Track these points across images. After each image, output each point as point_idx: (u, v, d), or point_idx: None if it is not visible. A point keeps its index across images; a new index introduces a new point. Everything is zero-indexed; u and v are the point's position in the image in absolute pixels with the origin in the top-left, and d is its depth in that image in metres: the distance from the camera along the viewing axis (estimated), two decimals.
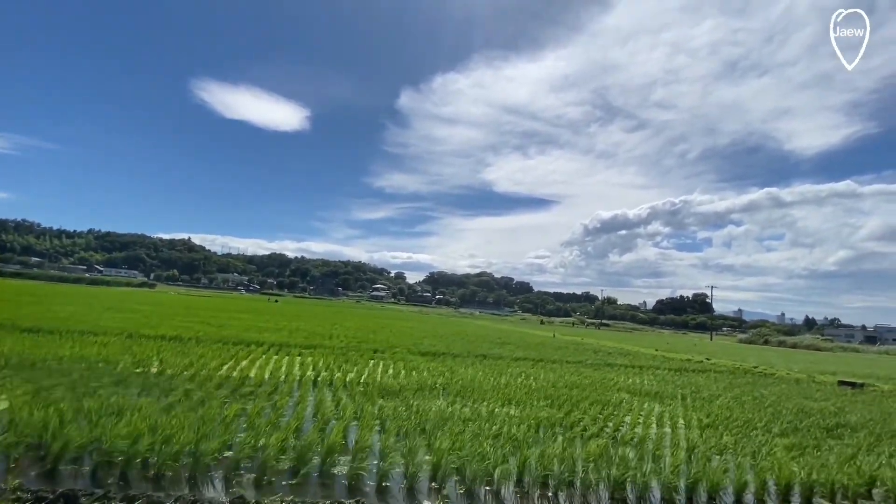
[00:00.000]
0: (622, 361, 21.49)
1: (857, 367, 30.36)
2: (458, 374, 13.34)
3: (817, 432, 9.47)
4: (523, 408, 9.53)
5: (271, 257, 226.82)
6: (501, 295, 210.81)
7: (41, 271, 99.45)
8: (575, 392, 11.66)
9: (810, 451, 7.82)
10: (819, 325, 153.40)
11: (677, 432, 8.83)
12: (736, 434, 8.80)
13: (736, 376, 19.52)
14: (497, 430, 7.28)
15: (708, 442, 7.88)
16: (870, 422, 10.92)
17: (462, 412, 8.58)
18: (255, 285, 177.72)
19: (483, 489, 5.42)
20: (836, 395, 15.65)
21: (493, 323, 69.65)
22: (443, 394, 10.35)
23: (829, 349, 67.81)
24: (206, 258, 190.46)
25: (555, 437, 7.55)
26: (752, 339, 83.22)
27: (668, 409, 10.95)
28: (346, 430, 6.70)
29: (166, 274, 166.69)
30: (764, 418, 10.32)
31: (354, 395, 9.36)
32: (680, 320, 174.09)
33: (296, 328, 23.12)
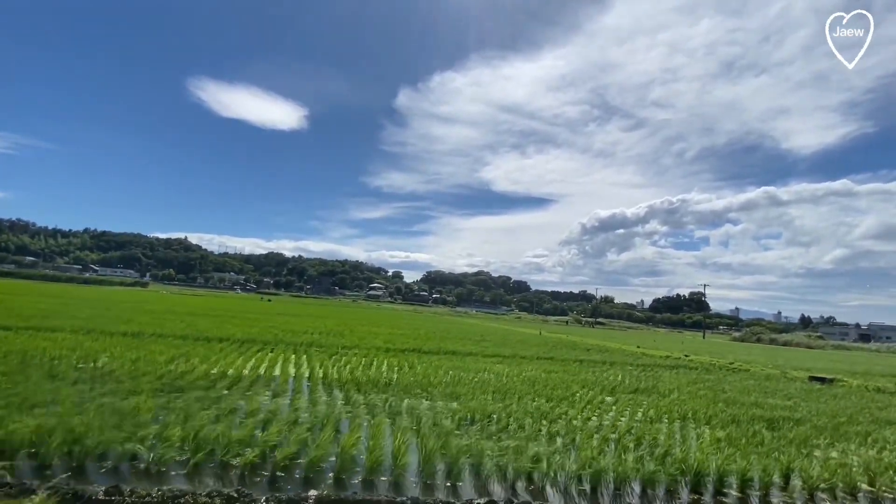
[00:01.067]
0: (597, 357, 21.48)
1: (840, 364, 30.40)
2: (415, 370, 13.33)
3: (759, 425, 9.45)
4: (465, 402, 9.51)
5: (268, 256, 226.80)
6: (498, 294, 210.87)
7: (34, 271, 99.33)
8: (526, 387, 11.63)
9: (740, 443, 7.80)
10: (814, 323, 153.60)
11: (616, 424, 8.81)
12: (672, 426, 8.78)
13: (708, 372, 19.51)
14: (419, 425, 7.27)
15: (632, 433, 7.85)
16: (816, 415, 10.91)
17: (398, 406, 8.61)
18: (252, 284, 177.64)
19: (379, 479, 5.43)
20: (801, 390, 15.64)
21: (484, 321, 69.68)
22: (389, 389, 10.32)
23: (821, 347, 67.89)
24: (202, 257, 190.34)
25: (481, 430, 7.53)
26: (745, 338, 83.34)
27: (619, 402, 10.95)
28: (264, 423, 6.70)
29: (162, 273, 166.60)
30: (710, 412, 10.30)
31: (282, 390, 9.32)
32: (676, 319, 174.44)
33: (271, 326, 23.08)
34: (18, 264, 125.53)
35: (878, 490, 6.41)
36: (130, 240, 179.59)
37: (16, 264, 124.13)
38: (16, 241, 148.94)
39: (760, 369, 21.89)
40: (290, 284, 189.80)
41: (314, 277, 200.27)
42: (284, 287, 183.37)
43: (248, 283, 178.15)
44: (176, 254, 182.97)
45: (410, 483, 5.49)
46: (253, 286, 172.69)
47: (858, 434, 9.39)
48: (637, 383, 14.02)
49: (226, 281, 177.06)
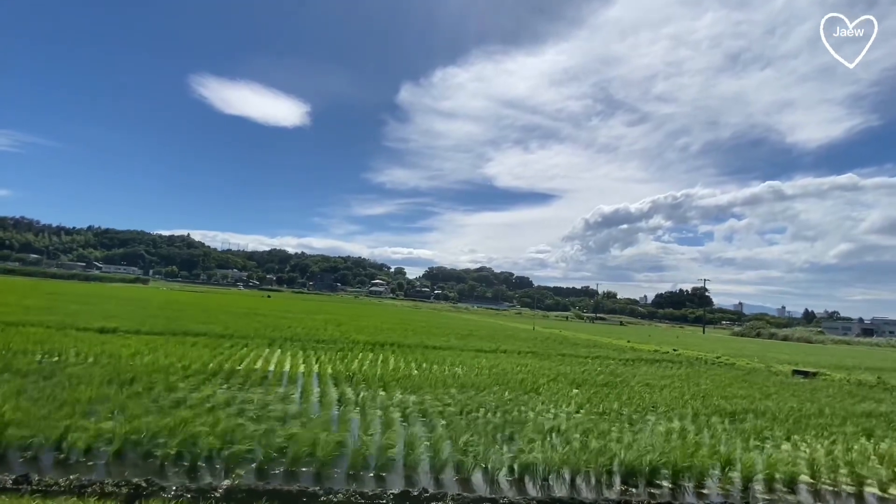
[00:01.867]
0: (582, 352, 21.40)
1: (832, 358, 30.18)
2: (387, 364, 13.37)
3: (717, 417, 9.39)
4: (423, 394, 9.51)
5: (271, 253, 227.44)
6: (500, 290, 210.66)
7: (37, 268, 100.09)
8: (493, 380, 11.61)
9: (687, 436, 7.73)
10: (818, 318, 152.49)
11: (570, 416, 8.76)
12: (624, 419, 8.73)
13: (690, 366, 19.40)
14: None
15: (582, 425, 7.80)
16: (782, 408, 10.82)
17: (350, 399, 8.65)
18: (255, 281, 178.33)
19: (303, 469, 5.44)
20: (779, 384, 15.53)
21: (480, 317, 69.67)
22: (351, 381, 10.33)
23: (821, 342, 67.41)
24: (205, 254, 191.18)
25: (427, 422, 7.52)
26: (745, 332, 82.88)
27: (583, 395, 10.91)
28: (209, 412, 6.71)
29: (165, 270, 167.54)
30: (672, 405, 10.24)
31: (239, 383, 9.33)
32: (679, 314, 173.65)
33: (254, 321, 23.16)
34: (23, 262, 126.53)
35: (817, 483, 6.34)
36: (134, 237, 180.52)
37: (20, 262, 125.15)
38: (20, 238, 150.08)
39: (746, 363, 21.75)
40: (293, 281, 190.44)
41: (316, 274, 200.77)
42: (287, 284, 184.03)
43: (250, 280, 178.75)
44: (179, 251, 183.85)
45: (334, 472, 5.48)
46: (256, 283, 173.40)
47: (818, 427, 9.30)
48: (610, 377, 13.95)
49: (229, 278, 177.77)
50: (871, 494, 6.20)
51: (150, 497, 4.49)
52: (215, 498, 4.61)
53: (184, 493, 4.58)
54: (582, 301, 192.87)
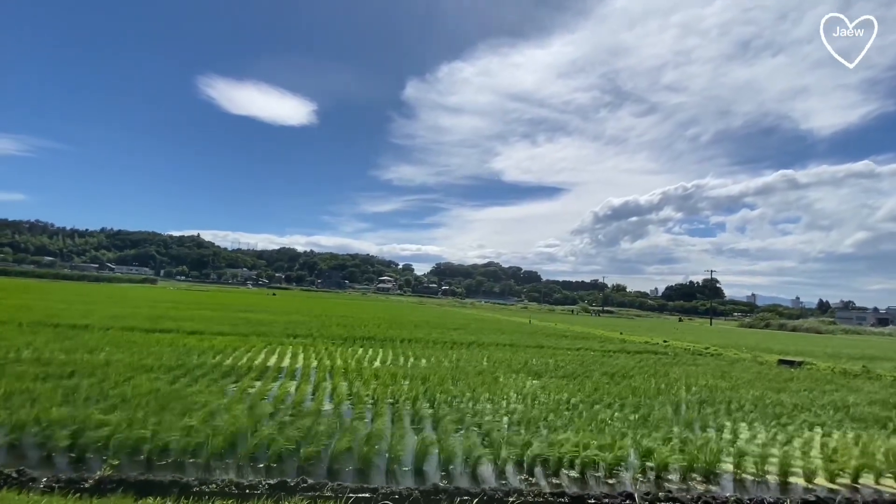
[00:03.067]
0: (565, 344, 21.13)
1: (828, 348, 29.48)
2: (356, 356, 13.34)
3: (664, 407, 9.14)
4: (375, 387, 9.43)
5: (281, 252, 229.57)
6: (508, 285, 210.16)
7: (50, 270, 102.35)
8: (452, 372, 11.51)
9: (614, 427, 7.52)
10: (832, 308, 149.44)
11: (509, 408, 8.58)
12: (566, 409, 8.53)
13: (673, 357, 19.05)
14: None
15: (516, 414, 7.63)
16: (741, 398, 10.51)
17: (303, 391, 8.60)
18: (264, 280, 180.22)
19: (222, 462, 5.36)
20: (756, 374, 15.14)
21: (481, 311, 69.47)
22: (300, 376, 10.28)
23: (831, 332, 65.95)
24: (214, 254, 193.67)
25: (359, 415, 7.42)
26: (754, 324, 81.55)
27: (540, 385, 10.73)
28: (116, 406, 6.67)
29: (176, 270, 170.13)
30: (624, 395, 10.01)
31: (192, 377, 9.31)
32: (689, 306, 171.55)
33: (235, 317, 23.32)
34: (38, 264, 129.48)
35: (738, 472, 6.10)
36: (145, 238, 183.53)
37: (35, 264, 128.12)
38: (35, 241, 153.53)
39: (734, 354, 21.29)
40: (302, 279, 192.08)
41: (325, 272, 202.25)
42: (296, 281, 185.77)
43: (259, 279, 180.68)
44: (189, 251, 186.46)
45: (255, 462, 5.42)
46: (265, 281, 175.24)
47: (772, 416, 9.01)
48: (578, 368, 13.71)
49: (238, 277, 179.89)
50: (795, 485, 5.95)
51: None
52: None
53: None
54: (591, 295, 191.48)
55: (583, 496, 5.08)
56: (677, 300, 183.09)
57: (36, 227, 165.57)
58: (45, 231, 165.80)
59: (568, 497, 5.08)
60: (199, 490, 4.75)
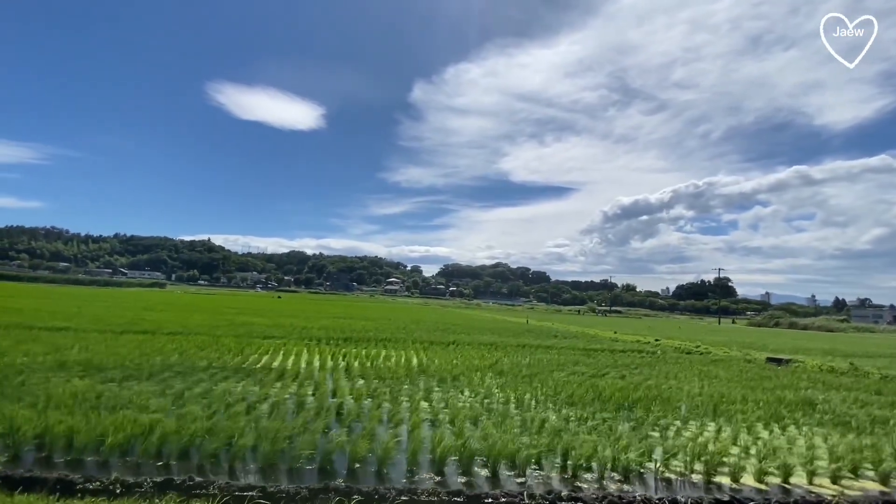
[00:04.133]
0: (551, 343, 20.84)
1: (828, 346, 28.73)
2: (323, 357, 13.28)
3: (610, 405, 8.93)
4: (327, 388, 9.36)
5: (290, 255, 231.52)
6: (516, 285, 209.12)
7: (64, 275, 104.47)
8: (415, 372, 11.40)
9: (570, 424, 7.33)
10: (848, 306, 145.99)
11: (455, 406, 8.42)
12: (514, 407, 8.36)
13: (659, 356, 18.69)
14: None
15: (462, 413, 7.49)
16: (708, 395, 10.21)
17: (252, 390, 8.56)
18: (273, 283, 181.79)
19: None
20: (735, 372, 14.76)
21: (482, 312, 69.15)
22: (267, 373, 10.25)
23: (841, 330, 64.37)
24: (225, 258, 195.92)
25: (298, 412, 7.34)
26: (763, 322, 79.97)
27: (498, 384, 10.57)
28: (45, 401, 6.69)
29: (187, 274, 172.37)
30: (579, 392, 9.79)
31: (141, 377, 9.33)
32: (700, 305, 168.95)
33: (229, 321, 23.47)
34: (53, 270, 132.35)
35: (661, 471, 5.88)
36: (157, 243, 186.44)
37: (50, 270, 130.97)
38: (50, 248, 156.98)
39: (724, 352, 20.81)
40: (311, 282, 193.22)
41: (333, 274, 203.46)
42: (305, 284, 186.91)
43: (269, 282, 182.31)
44: (200, 255, 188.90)
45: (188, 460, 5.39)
46: (274, 284, 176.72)
47: (727, 413, 8.74)
48: (547, 366, 13.49)
49: (248, 280, 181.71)
50: (720, 484, 5.71)
51: None
52: None
53: None
54: (600, 295, 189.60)
55: (479, 495, 4.93)
56: (688, 299, 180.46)
57: (52, 233, 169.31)
58: (60, 237, 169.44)
59: (464, 496, 4.94)
60: (82, 487, 4.71)
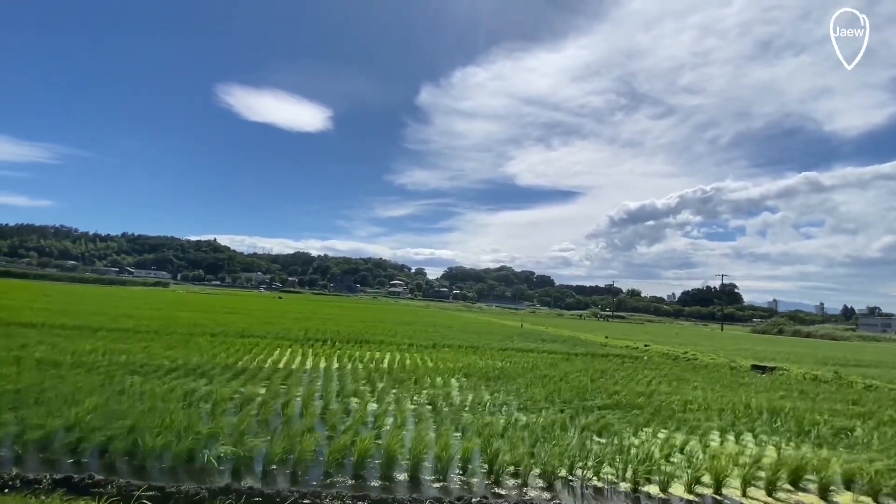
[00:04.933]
0: (529, 346, 20.63)
1: (828, 354, 28.23)
2: (283, 356, 13.22)
3: (569, 408, 8.75)
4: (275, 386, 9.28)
5: (295, 256, 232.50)
6: (520, 289, 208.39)
7: (71, 273, 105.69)
8: (378, 373, 11.30)
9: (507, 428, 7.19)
10: (857, 314, 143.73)
11: (404, 407, 8.31)
12: (466, 412, 8.23)
13: (641, 361, 18.45)
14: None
15: (402, 414, 7.37)
16: (670, 401, 10.01)
17: (202, 389, 8.49)
18: (278, 283, 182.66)
19: None
20: (713, 379, 14.49)
21: (478, 315, 68.90)
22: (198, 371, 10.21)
23: (846, 338, 63.33)
24: (230, 258, 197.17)
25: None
26: (767, 330, 78.89)
27: (460, 386, 10.45)
28: None
29: (192, 274, 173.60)
30: (538, 397, 9.63)
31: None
32: (706, 312, 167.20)
33: (212, 320, 23.53)
34: (61, 268, 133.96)
35: (587, 478, 5.72)
36: (163, 242, 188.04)
37: (58, 268, 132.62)
38: (59, 246, 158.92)
39: (711, 359, 20.48)
40: (315, 283, 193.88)
41: (337, 275, 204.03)
42: (309, 285, 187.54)
43: (273, 283, 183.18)
44: (205, 255, 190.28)
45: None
46: (278, 285, 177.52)
47: (682, 421, 8.54)
48: (520, 370, 13.33)
49: (252, 280, 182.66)
50: (647, 493, 5.55)
51: None
52: None
53: None
54: (604, 299, 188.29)
55: (386, 499, 4.81)
56: (693, 305, 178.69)
57: (60, 231, 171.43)
58: (68, 236, 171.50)
59: (370, 500, 4.82)
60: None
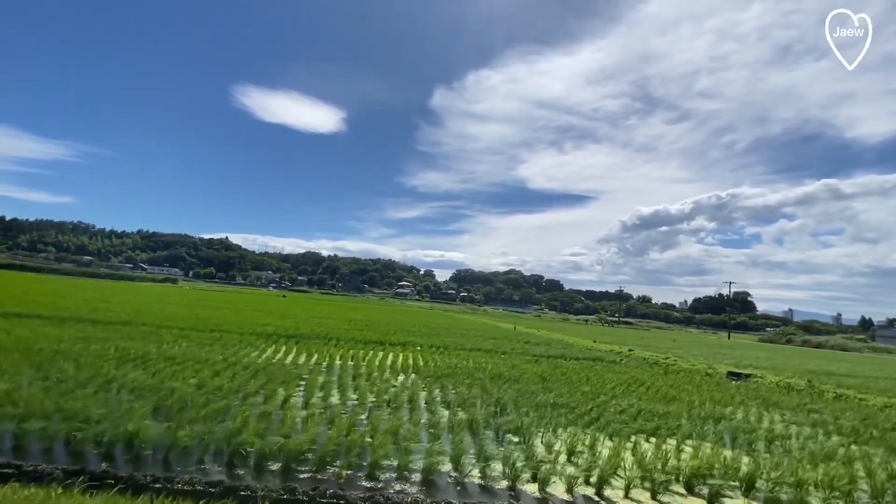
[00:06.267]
0: (503, 348, 20.40)
1: (824, 365, 27.44)
2: (233, 353, 13.30)
3: (490, 407, 8.61)
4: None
5: (306, 256, 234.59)
6: (528, 293, 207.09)
7: (85, 268, 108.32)
8: (325, 368, 11.27)
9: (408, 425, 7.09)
10: (875, 326, 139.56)
11: (328, 403, 8.26)
12: (390, 407, 8.16)
13: (615, 364, 18.14)
14: None
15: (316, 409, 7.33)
16: (615, 406, 9.79)
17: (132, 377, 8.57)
18: (287, 282, 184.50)
19: None
20: (679, 385, 14.16)
21: (476, 317, 68.59)
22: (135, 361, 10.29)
23: (857, 350, 61.48)
24: (241, 256, 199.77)
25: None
26: (774, 339, 77.06)
27: (406, 384, 10.38)
28: None
29: (204, 272, 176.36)
30: (467, 396, 9.50)
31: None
32: (718, 319, 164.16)
33: (194, 315, 23.81)
34: (77, 263, 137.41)
35: (460, 476, 5.60)
36: (177, 240, 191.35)
37: (75, 263, 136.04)
38: (76, 241, 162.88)
39: (690, 365, 20.04)
40: (324, 282, 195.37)
41: (346, 276, 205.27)
42: (318, 285, 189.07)
43: (283, 282, 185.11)
44: (217, 253, 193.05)
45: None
46: (288, 284, 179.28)
47: (606, 423, 8.34)
48: (479, 371, 13.19)
49: (262, 279, 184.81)
50: (522, 491, 5.40)
51: None
52: None
53: None
54: (613, 305, 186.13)
55: (236, 487, 4.76)
56: (705, 313, 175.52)
57: (78, 227, 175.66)
58: (86, 232, 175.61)
59: (223, 487, 4.78)
60: None
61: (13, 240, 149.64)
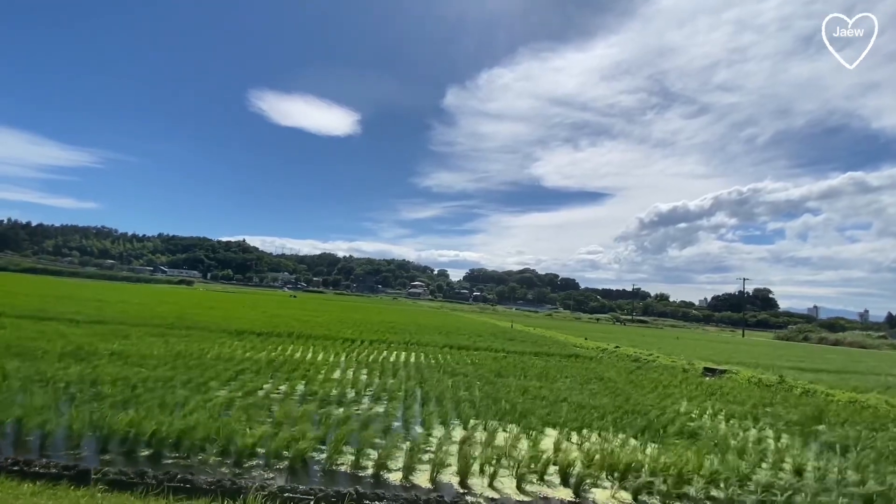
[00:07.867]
0: (481, 345, 20.40)
1: (806, 362, 26.57)
2: (213, 348, 13.63)
3: (411, 401, 8.65)
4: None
5: (321, 257, 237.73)
6: (543, 292, 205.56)
7: (104, 271, 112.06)
8: (288, 363, 11.50)
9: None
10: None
11: (252, 392, 8.44)
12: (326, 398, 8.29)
13: (590, 361, 17.95)
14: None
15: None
16: (556, 395, 9.73)
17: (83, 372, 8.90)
18: (303, 283, 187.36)
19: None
20: (645, 382, 13.94)
21: (482, 317, 68.41)
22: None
23: (876, 347, 59.21)
24: (258, 258, 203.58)
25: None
26: (791, 337, 74.74)
27: (352, 380, 10.51)
28: None
29: (221, 273, 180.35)
30: (403, 389, 9.56)
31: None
32: (737, 317, 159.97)
33: (182, 313, 24.41)
34: (99, 266, 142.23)
35: (333, 463, 5.67)
36: (196, 243, 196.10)
37: (97, 266, 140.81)
38: (99, 245, 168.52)
39: (671, 362, 19.64)
40: (338, 283, 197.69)
41: (360, 276, 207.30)
42: (333, 286, 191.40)
43: (298, 283, 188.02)
44: (235, 255, 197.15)
45: None
46: (303, 285, 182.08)
47: (542, 416, 8.29)
48: (429, 366, 13.24)
49: (278, 280, 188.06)
50: (387, 480, 5.45)
51: None
52: None
53: None
54: (630, 304, 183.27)
55: (88, 470, 4.93)
56: (724, 311, 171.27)
57: (101, 232, 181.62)
58: (108, 236, 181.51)
59: (76, 471, 4.96)
60: None
61: (39, 244, 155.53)
